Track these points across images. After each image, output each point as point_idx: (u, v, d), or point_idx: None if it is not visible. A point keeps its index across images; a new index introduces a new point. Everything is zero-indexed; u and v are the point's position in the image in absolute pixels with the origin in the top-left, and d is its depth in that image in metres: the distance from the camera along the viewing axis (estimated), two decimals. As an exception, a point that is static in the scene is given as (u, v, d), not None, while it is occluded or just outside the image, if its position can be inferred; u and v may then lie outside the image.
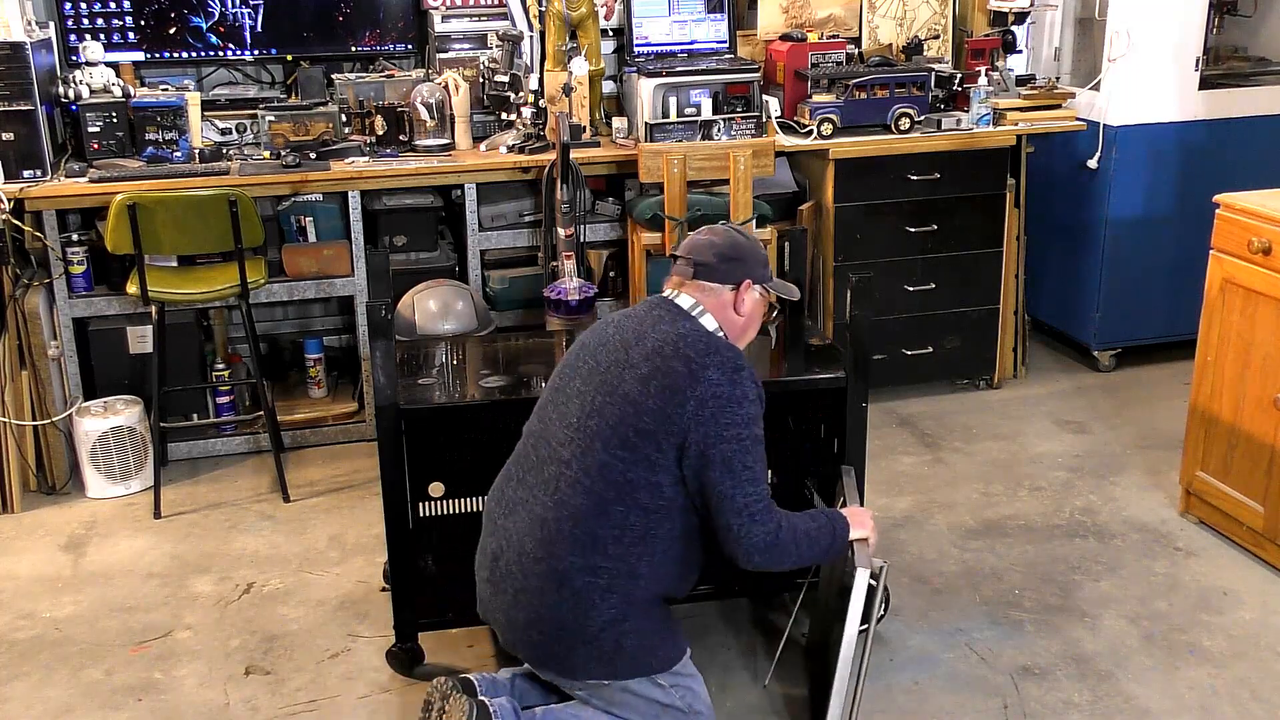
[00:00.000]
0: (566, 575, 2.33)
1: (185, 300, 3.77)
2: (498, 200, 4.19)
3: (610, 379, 2.37)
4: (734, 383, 2.33)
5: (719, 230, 2.54)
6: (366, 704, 2.79)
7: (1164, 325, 4.62)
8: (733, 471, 2.31)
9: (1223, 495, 3.37)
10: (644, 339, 2.39)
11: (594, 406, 2.36)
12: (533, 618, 2.38)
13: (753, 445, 2.34)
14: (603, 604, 2.34)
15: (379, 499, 2.82)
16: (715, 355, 2.35)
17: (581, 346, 2.50)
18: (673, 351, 2.34)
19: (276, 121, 4.04)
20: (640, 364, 2.35)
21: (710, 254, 2.48)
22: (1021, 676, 2.85)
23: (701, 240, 2.52)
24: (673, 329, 2.39)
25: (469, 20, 4.35)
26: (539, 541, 2.36)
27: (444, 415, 2.81)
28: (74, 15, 4.10)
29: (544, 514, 2.37)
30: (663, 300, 2.48)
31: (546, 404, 2.49)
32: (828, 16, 4.54)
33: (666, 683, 2.44)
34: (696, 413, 2.30)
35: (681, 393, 2.30)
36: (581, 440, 2.35)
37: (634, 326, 2.43)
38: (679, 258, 2.52)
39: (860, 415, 2.87)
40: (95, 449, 3.80)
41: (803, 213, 4.25)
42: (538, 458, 2.44)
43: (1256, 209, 3.18)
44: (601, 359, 2.42)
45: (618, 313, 2.55)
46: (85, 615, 3.18)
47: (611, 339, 2.44)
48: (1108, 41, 4.34)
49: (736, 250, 2.50)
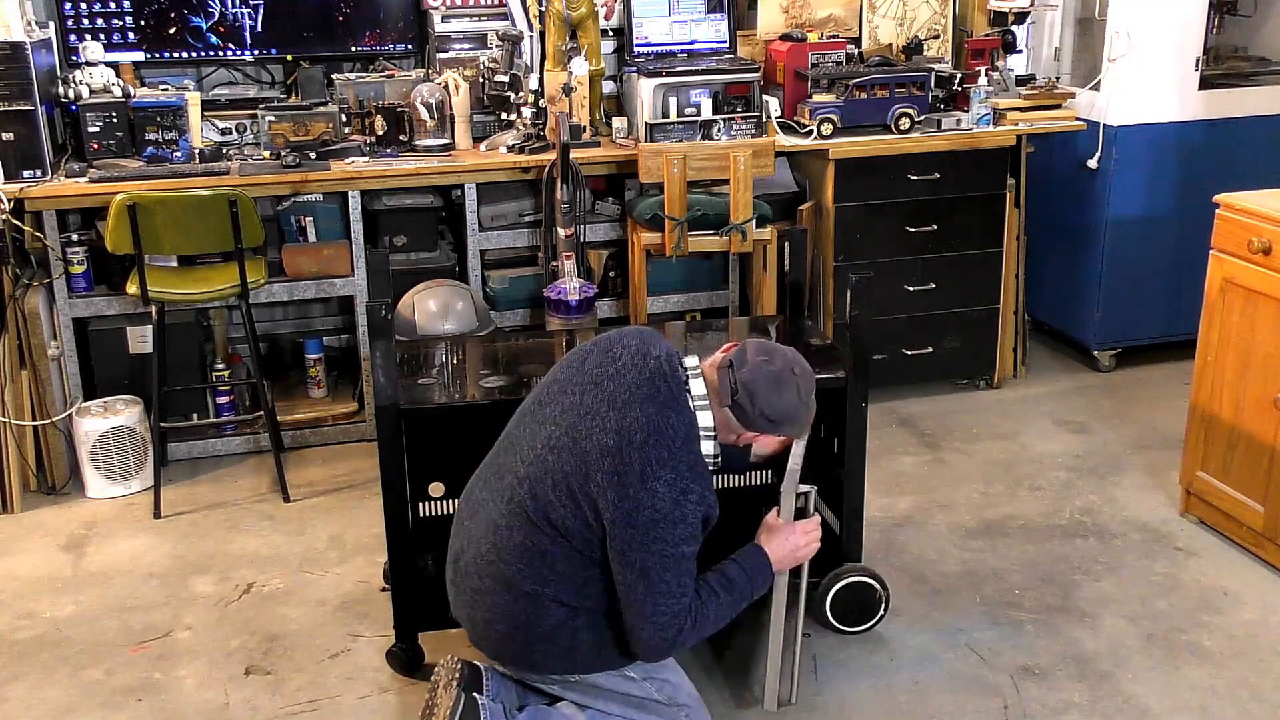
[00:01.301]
0: (515, 581, 2.34)
1: (185, 300, 3.77)
2: (498, 200, 4.19)
3: (581, 427, 2.29)
4: (677, 503, 2.24)
5: (786, 386, 2.34)
6: (366, 704, 2.79)
7: (1164, 325, 4.62)
8: (649, 583, 2.26)
9: (1223, 495, 3.37)
10: (628, 408, 2.27)
11: (558, 443, 2.31)
12: (489, 616, 2.40)
13: (675, 562, 2.26)
14: (554, 606, 2.35)
15: (379, 499, 2.82)
16: (673, 469, 2.24)
17: (579, 368, 2.39)
18: (640, 441, 2.23)
19: (276, 121, 4.04)
20: (611, 432, 2.25)
21: (757, 406, 2.33)
22: (1021, 676, 2.85)
23: (761, 383, 2.33)
24: (655, 416, 2.26)
25: (469, 20, 4.35)
26: (492, 546, 2.37)
27: (444, 415, 2.81)
28: (74, 15, 4.09)
29: (498, 520, 2.37)
30: (672, 373, 2.33)
31: (527, 412, 2.45)
32: (828, 16, 4.54)
33: (638, 675, 2.45)
34: (631, 514, 2.23)
35: (626, 488, 2.23)
36: (538, 468, 2.32)
37: (629, 384, 2.30)
38: (732, 366, 2.35)
39: (860, 415, 2.87)
40: (95, 449, 3.80)
41: (803, 213, 4.25)
42: (502, 464, 2.43)
43: (1256, 209, 3.18)
44: (587, 399, 2.32)
45: (632, 343, 2.38)
46: (85, 615, 3.18)
47: (605, 382, 2.32)
48: (1108, 41, 4.34)
49: (782, 417, 2.36)
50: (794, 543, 2.53)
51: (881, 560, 3.32)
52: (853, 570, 2.96)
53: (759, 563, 2.47)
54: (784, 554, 2.51)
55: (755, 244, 4.09)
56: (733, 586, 2.40)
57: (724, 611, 2.39)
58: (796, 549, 2.53)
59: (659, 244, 4.03)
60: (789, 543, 2.52)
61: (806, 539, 2.54)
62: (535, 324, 4.25)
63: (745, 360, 2.35)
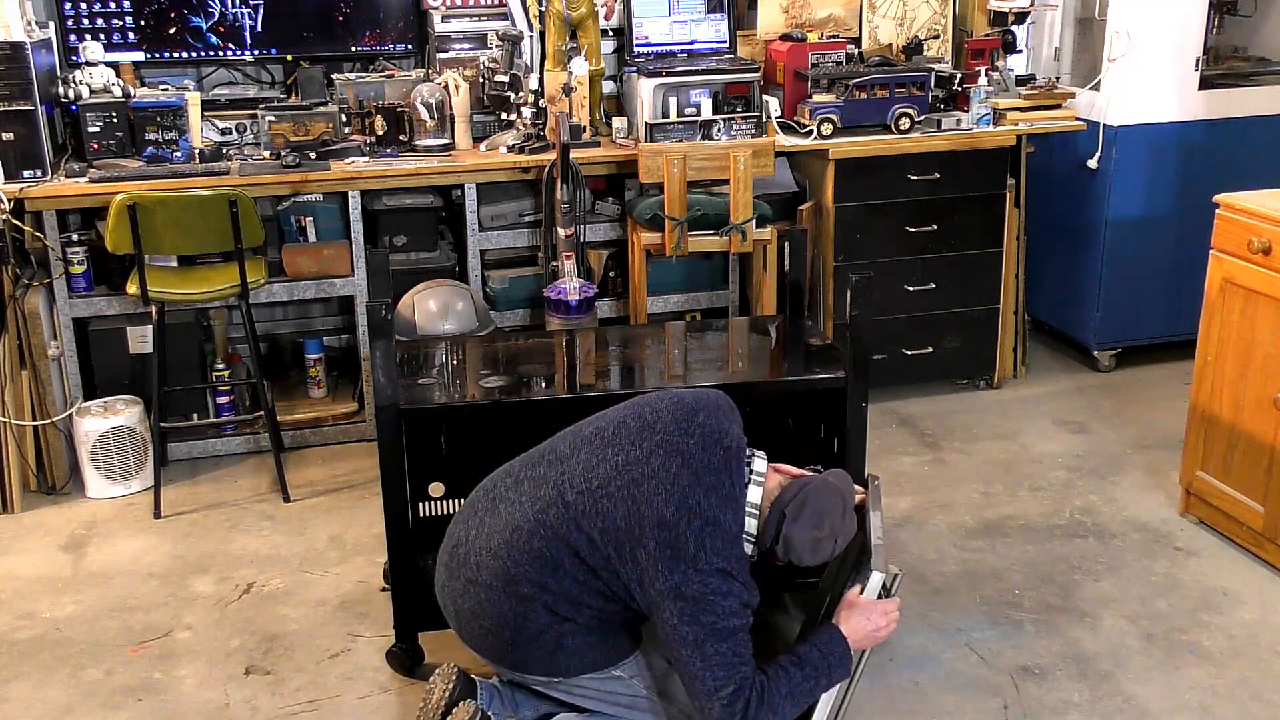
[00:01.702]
0: (516, 580, 2.34)
1: (185, 300, 3.77)
2: (498, 200, 4.19)
3: (643, 489, 2.30)
4: (725, 583, 2.26)
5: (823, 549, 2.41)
6: (366, 704, 2.79)
7: (1164, 325, 4.62)
8: (703, 655, 2.25)
9: (1223, 495, 3.37)
10: (693, 491, 2.29)
11: (616, 493, 2.31)
12: (475, 609, 2.40)
13: (729, 634, 2.26)
14: (544, 612, 2.35)
15: (379, 499, 2.82)
16: (723, 558, 2.27)
17: (650, 426, 2.38)
18: (699, 527, 2.26)
19: (276, 121, 4.04)
20: (672, 507, 2.27)
21: (787, 554, 2.39)
22: (1021, 676, 2.85)
23: (799, 543, 2.38)
24: (718, 509, 2.29)
25: (469, 20, 4.35)
26: (505, 543, 2.37)
27: (444, 415, 2.81)
28: (74, 15, 4.09)
29: (522, 523, 2.37)
30: (739, 472, 2.36)
31: (586, 439, 2.43)
32: (828, 16, 4.54)
33: (625, 674, 2.45)
34: (679, 588, 2.25)
35: (679, 563, 2.25)
36: (589, 505, 2.32)
37: (697, 466, 2.31)
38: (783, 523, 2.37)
39: (860, 415, 2.87)
40: (95, 449, 3.80)
41: (803, 213, 4.25)
42: (545, 475, 2.41)
43: (1256, 209, 3.18)
44: (652, 463, 2.32)
45: (705, 423, 2.38)
46: (85, 615, 3.18)
47: (675, 450, 2.33)
48: (1108, 41, 4.34)
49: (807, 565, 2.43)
50: (875, 623, 2.44)
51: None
52: (853, 570, 2.96)
53: (835, 642, 2.41)
54: (863, 635, 2.43)
55: (755, 244, 4.09)
56: (804, 664, 2.36)
57: (796, 690, 2.33)
58: (877, 629, 2.44)
59: (659, 244, 4.03)
60: (870, 622, 2.43)
61: (887, 619, 2.46)
62: (535, 324, 4.25)
63: (799, 517, 2.39)
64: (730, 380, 2.91)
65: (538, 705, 2.56)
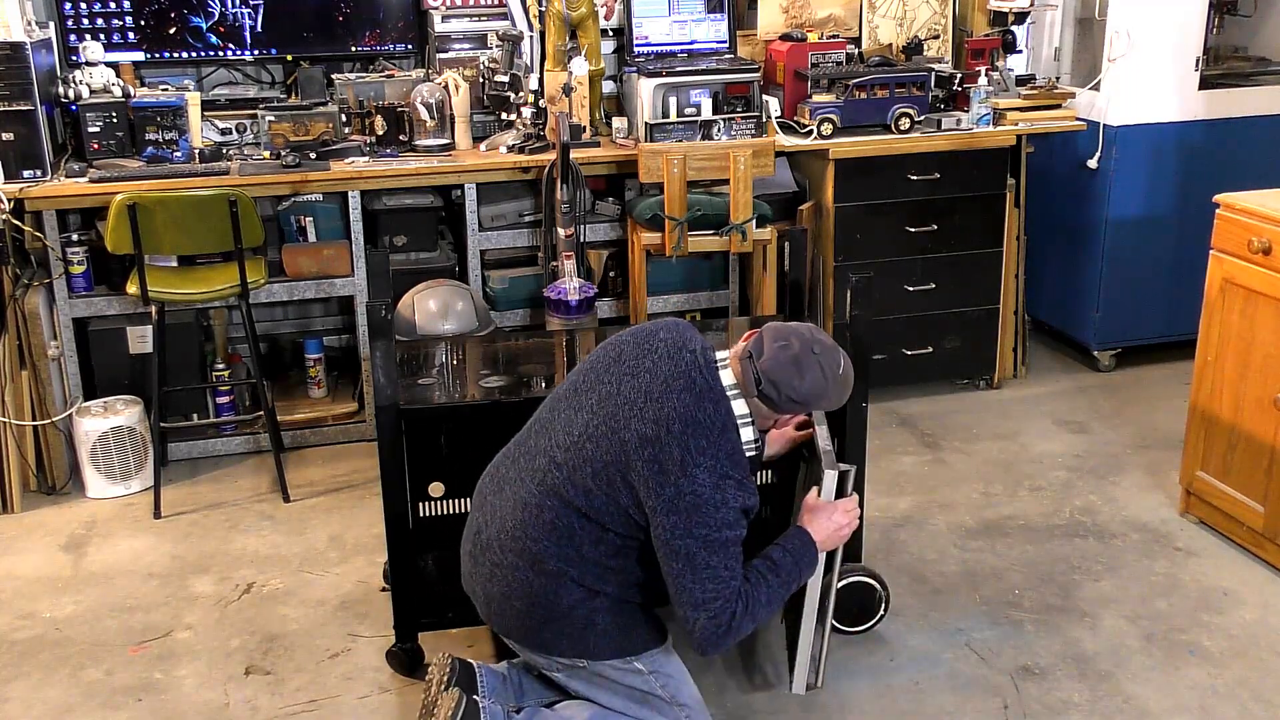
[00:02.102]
0: (540, 558, 2.36)
1: (185, 300, 3.77)
2: (498, 200, 4.19)
3: (619, 417, 2.32)
4: (717, 487, 2.27)
5: (809, 369, 2.34)
6: (366, 704, 2.79)
7: (1164, 325, 4.61)
8: (694, 567, 2.28)
9: (1223, 495, 3.37)
10: (665, 399, 2.30)
11: (595, 432, 2.34)
12: (506, 591, 2.41)
13: (720, 547, 2.28)
14: (574, 586, 2.37)
15: (379, 499, 2.82)
16: (712, 457, 2.27)
17: (616, 358, 2.42)
18: (678, 431, 2.27)
19: (276, 121, 4.04)
20: (649, 422, 2.29)
21: (783, 391, 2.34)
22: (1021, 676, 2.85)
23: (782, 369, 2.33)
24: (693, 406, 2.30)
25: (469, 20, 4.35)
26: (519, 522, 2.39)
27: (444, 415, 2.81)
28: (74, 15, 4.09)
29: (528, 499, 2.40)
30: (706, 364, 2.36)
31: (562, 398, 2.47)
32: (828, 16, 4.54)
33: (645, 668, 2.45)
34: (673, 500, 2.26)
35: (666, 474, 2.26)
36: (575, 456, 2.35)
37: (665, 375, 2.33)
38: (751, 356, 2.35)
39: (860, 415, 2.87)
40: (95, 449, 3.80)
41: (803, 213, 4.25)
42: (535, 446, 2.45)
43: (1256, 209, 3.18)
44: (624, 389, 2.35)
45: (667, 335, 2.42)
46: (85, 615, 3.18)
47: (641, 373, 2.35)
48: (1108, 41, 4.34)
49: (810, 396, 2.36)
50: (836, 521, 2.51)
51: (881, 560, 3.32)
52: (853, 570, 2.96)
53: (804, 545, 2.47)
54: (828, 534, 2.51)
55: (755, 244, 4.09)
56: (779, 569, 2.41)
57: (774, 595, 2.39)
58: (839, 527, 2.52)
59: (659, 244, 4.03)
60: (831, 522, 2.51)
61: (848, 517, 2.54)
62: (535, 324, 4.25)
63: (763, 349, 2.36)
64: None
65: (544, 694, 2.56)
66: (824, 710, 2.74)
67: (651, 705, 2.47)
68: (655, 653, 2.47)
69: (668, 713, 2.48)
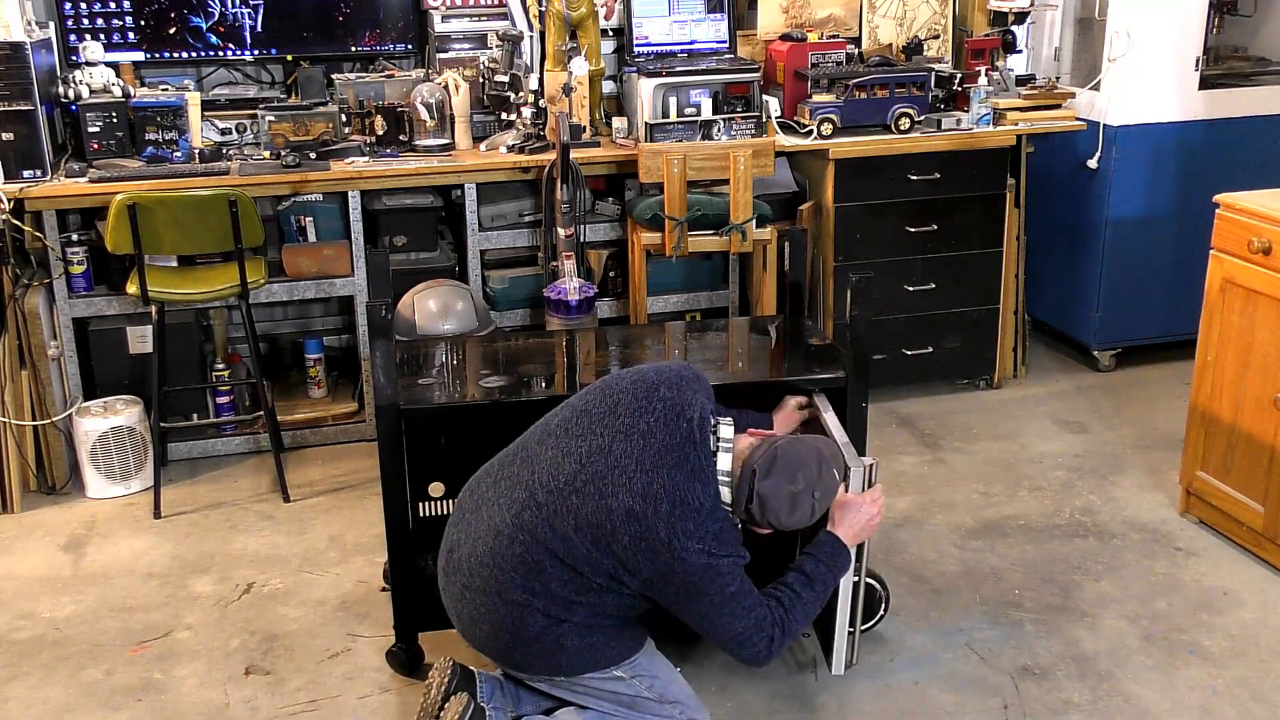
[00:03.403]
0: (506, 588, 2.35)
1: (185, 300, 3.77)
2: (498, 200, 4.19)
3: (608, 480, 2.28)
4: (708, 566, 2.27)
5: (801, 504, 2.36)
6: (366, 704, 2.79)
7: (1164, 325, 4.62)
8: (712, 621, 2.33)
9: (1223, 495, 3.37)
10: (656, 471, 2.26)
11: (582, 488, 2.30)
12: (475, 614, 2.41)
13: (729, 600, 2.30)
14: (540, 616, 2.36)
15: (379, 499, 2.82)
16: (699, 540, 2.26)
17: (611, 410, 2.36)
18: (666, 511, 2.24)
19: (276, 121, 4.04)
20: (636, 495, 2.25)
21: (764, 514, 2.35)
22: (1021, 676, 2.85)
23: (775, 501, 2.33)
24: (682, 486, 2.26)
25: (469, 20, 4.35)
26: (489, 550, 2.38)
27: (444, 415, 2.81)
28: (74, 15, 4.09)
29: (501, 527, 2.37)
30: (703, 443, 2.32)
31: (552, 433, 2.42)
32: (828, 16, 4.54)
33: (626, 674, 2.45)
34: (666, 576, 2.28)
35: (656, 554, 2.26)
36: (558, 504, 2.31)
37: (659, 444, 2.29)
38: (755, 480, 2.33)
39: (860, 415, 2.87)
40: (95, 449, 3.80)
41: (803, 213, 4.25)
42: (517, 474, 2.41)
43: (1256, 209, 3.18)
44: (614, 449, 2.30)
45: (666, 397, 2.35)
46: (85, 615, 3.18)
47: (635, 434, 2.30)
48: (1108, 41, 4.34)
49: (788, 526, 2.39)
50: (867, 513, 2.55)
51: (881, 560, 3.32)
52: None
53: (835, 550, 2.50)
54: (860, 527, 2.54)
55: (755, 244, 4.09)
56: (813, 583, 2.44)
57: (810, 607, 2.44)
58: (870, 518, 2.56)
59: (659, 244, 4.03)
60: (862, 514, 2.54)
61: (876, 506, 2.57)
62: (535, 324, 4.25)
63: (770, 472, 2.35)
64: (730, 380, 2.92)
65: (539, 701, 2.56)
66: (824, 710, 2.74)
67: (642, 707, 2.47)
68: (634, 659, 2.46)
69: (660, 711, 2.48)
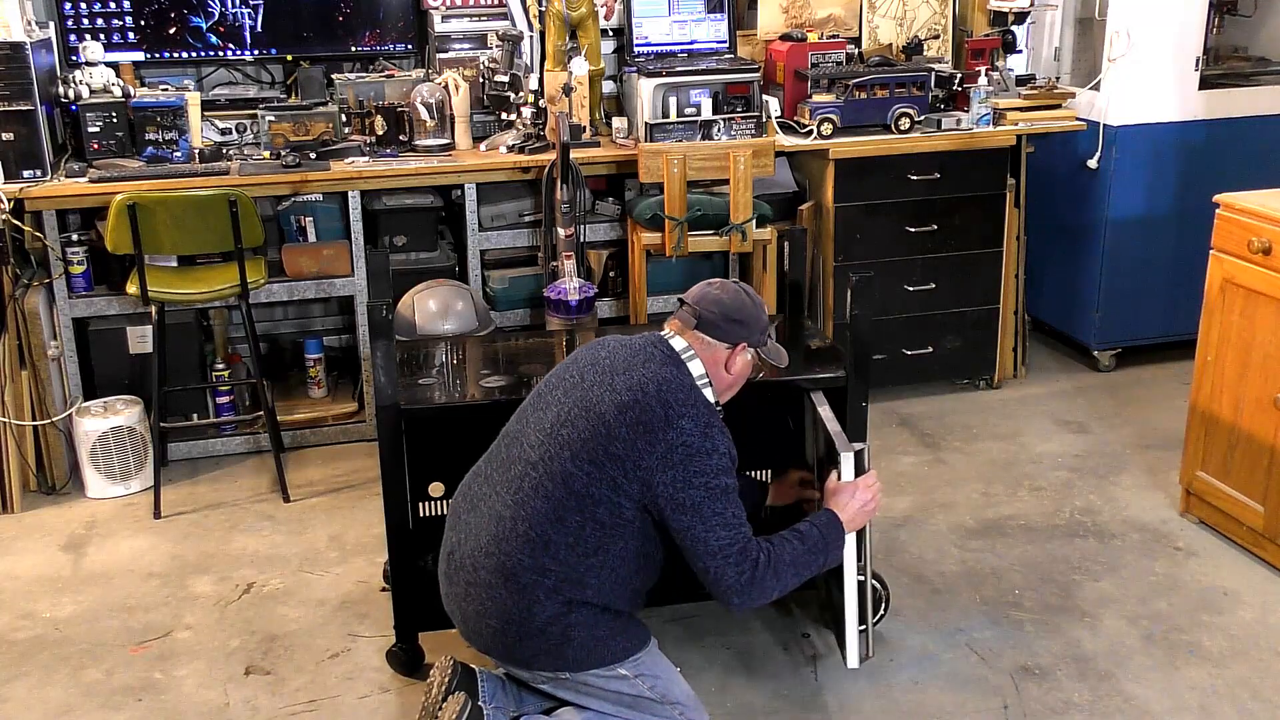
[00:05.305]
0: (514, 572, 2.36)
1: (185, 300, 3.77)
2: (498, 200, 4.19)
3: (590, 397, 2.40)
4: (705, 435, 2.36)
5: (729, 288, 2.55)
6: (366, 704, 2.79)
7: (1164, 325, 4.62)
8: (703, 517, 2.34)
9: (1223, 495, 3.37)
10: (631, 370, 2.41)
11: (568, 417, 2.39)
12: (481, 610, 2.42)
13: (722, 494, 2.36)
14: (548, 601, 2.37)
15: (379, 499, 2.83)
16: (692, 407, 2.37)
17: (573, 360, 2.53)
18: (654, 391, 2.37)
19: (276, 121, 4.04)
20: (622, 391, 2.38)
21: (715, 310, 2.50)
22: (1021, 676, 2.85)
23: (710, 294, 2.54)
24: (660, 370, 2.41)
25: (469, 20, 4.35)
26: (493, 537, 2.40)
27: (444, 415, 2.81)
28: (74, 15, 4.09)
29: (502, 511, 2.40)
30: (658, 339, 2.50)
31: (527, 407, 2.53)
32: (828, 16, 4.54)
33: (629, 673, 2.46)
34: (666, 456, 2.33)
35: (654, 433, 2.33)
36: (551, 446, 2.38)
37: (625, 356, 2.45)
38: (685, 304, 2.54)
39: (860, 415, 2.87)
40: (95, 449, 3.80)
41: (803, 213, 4.25)
42: (507, 457, 2.47)
43: (1256, 209, 3.18)
44: (587, 376, 2.45)
45: (614, 337, 2.57)
46: (85, 615, 3.18)
47: (601, 361, 2.46)
48: (1108, 41, 4.34)
49: (741, 313, 2.52)
50: (860, 499, 2.57)
51: (881, 560, 3.32)
52: (853, 570, 2.96)
53: (829, 522, 2.53)
54: (854, 512, 2.57)
55: (755, 244, 4.09)
56: (805, 538, 2.47)
57: (799, 560, 2.44)
58: (865, 504, 2.58)
59: (659, 244, 4.03)
60: (856, 499, 2.57)
61: (871, 493, 2.60)
62: (535, 324, 4.25)
63: (692, 295, 2.55)
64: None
65: (541, 700, 2.56)
66: (824, 710, 2.74)
67: (643, 708, 2.48)
68: (638, 656, 2.47)
69: (661, 712, 2.48)
